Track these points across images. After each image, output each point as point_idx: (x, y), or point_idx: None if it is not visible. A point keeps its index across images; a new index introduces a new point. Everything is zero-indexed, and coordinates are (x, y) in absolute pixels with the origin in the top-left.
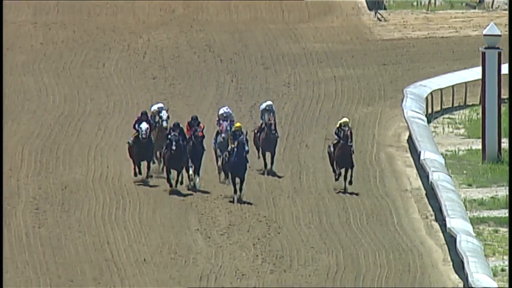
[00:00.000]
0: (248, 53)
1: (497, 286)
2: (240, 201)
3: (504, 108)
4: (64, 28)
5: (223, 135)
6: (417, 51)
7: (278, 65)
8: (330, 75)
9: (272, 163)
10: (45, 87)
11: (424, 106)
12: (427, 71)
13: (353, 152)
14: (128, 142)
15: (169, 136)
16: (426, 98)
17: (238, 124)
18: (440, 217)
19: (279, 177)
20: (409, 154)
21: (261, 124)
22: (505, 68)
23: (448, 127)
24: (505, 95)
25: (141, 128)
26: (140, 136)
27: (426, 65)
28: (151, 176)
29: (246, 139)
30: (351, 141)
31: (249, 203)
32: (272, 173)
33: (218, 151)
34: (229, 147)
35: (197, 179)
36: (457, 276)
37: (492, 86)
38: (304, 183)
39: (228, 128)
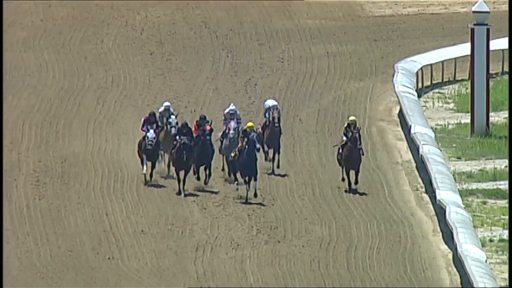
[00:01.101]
0: (243, 29)
1: (485, 258)
2: (249, 201)
3: (492, 83)
4: (64, 5)
5: (231, 131)
6: (407, 27)
7: (272, 41)
8: (323, 51)
9: (278, 161)
10: (45, 62)
11: (414, 81)
12: (418, 47)
13: (363, 154)
14: (139, 144)
15: (178, 137)
16: (417, 73)
17: (250, 124)
18: (430, 189)
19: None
20: (400, 128)
21: (265, 122)
22: (493, 44)
23: (438, 101)
24: (493, 70)
25: (147, 136)
26: (146, 143)
27: (416, 41)
28: (151, 177)
29: (257, 136)
30: (360, 143)
31: None
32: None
33: (224, 151)
34: (239, 145)
35: (208, 179)
36: (446, 247)
37: (480, 61)
38: (297, 156)
39: (236, 126)
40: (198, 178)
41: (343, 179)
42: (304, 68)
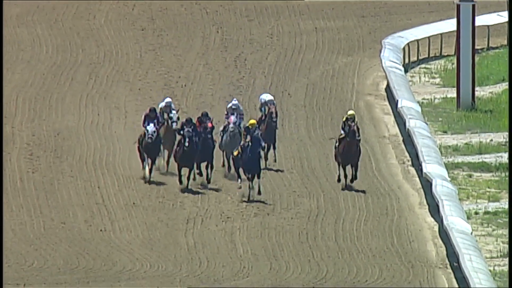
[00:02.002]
0: (233, 5)
1: (471, 230)
2: (253, 199)
3: (478, 58)
4: None
5: (231, 125)
6: (394, 3)
7: (262, 17)
8: (311, 27)
9: (274, 156)
10: (38, 38)
11: (401, 56)
12: (404, 23)
13: (360, 150)
14: (139, 138)
15: (182, 132)
16: (403, 48)
17: (252, 121)
18: (416, 163)
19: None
20: (387, 102)
21: (261, 116)
22: (478, 20)
23: (424, 76)
24: (479, 46)
25: (147, 130)
26: (146, 137)
27: (403, 17)
28: (150, 173)
29: (261, 134)
30: (359, 135)
31: None
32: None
33: (224, 147)
34: (242, 143)
35: (210, 174)
36: (432, 219)
37: (466, 37)
38: (286, 130)
39: (236, 120)
40: (200, 174)
41: (338, 180)
42: (292, 44)
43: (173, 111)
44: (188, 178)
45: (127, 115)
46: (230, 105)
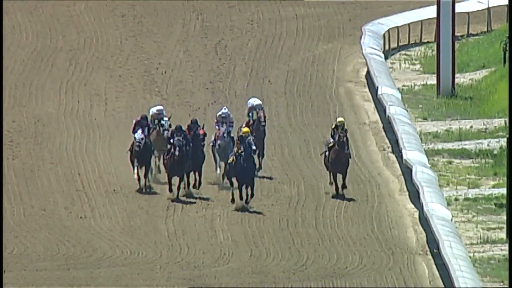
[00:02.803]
0: None
1: (451, 216)
2: (248, 208)
3: (458, 45)
4: None
5: (219, 142)
6: None
7: (242, 3)
8: (291, 13)
9: (260, 164)
10: (19, 24)
11: (381, 43)
12: (384, 10)
13: (350, 157)
14: (130, 149)
15: (172, 141)
16: (384, 35)
17: (246, 129)
18: (396, 149)
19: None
20: (367, 89)
21: (248, 121)
22: (458, 7)
23: (405, 63)
24: (459, 32)
25: (135, 138)
26: (134, 145)
27: (383, 3)
28: (149, 185)
29: (253, 140)
30: (348, 148)
31: None
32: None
33: (217, 156)
34: (234, 150)
35: (199, 185)
36: (412, 206)
37: (446, 24)
38: (266, 116)
39: (225, 134)
40: (188, 184)
41: (331, 183)
42: (273, 30)
43: (165, 118)
44: (179, 188)
45: (107, 102)
46: (220, 113)
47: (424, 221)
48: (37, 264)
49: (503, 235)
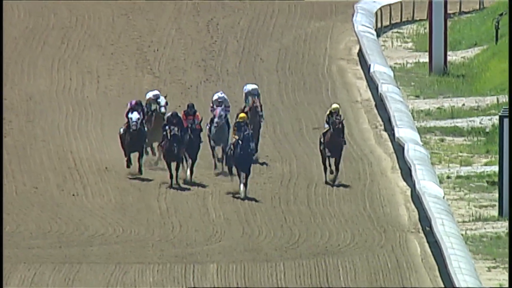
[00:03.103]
0: None
1: (443, 194)
2: (246, 197)
3: (450, 23)
4: None
5: (216, 119)
6: None
7: None
8: None
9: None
10: (10, 2)
11: (373, 21)
12: None
13: (345, 143)
14: (120, 132)
15: (167, 128)
16: (376, 13)
17: (242, 115)
18: (389, 127)
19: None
20: (359, 67)
21: (244, 107)
22: None
23: (397, 41)
24: (451, 10)
25: (131, 118)
26: (130, 127)
27: None
28: (141, 170)
29: (252, 133)
30: (343, 136)
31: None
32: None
33: (212, 142)
34: (233, 140)
35: (189, 174)
36: (404, 183)
37: (438, 1)
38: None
39: (222, 113)
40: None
41: (331, 172)
42: (265, 8)
43: (161, 97)
44: (177, 174)
45: (99, 79)
46: (216, 97)
47: (416, 198)
48: (29, 242)
49: (495, 212)
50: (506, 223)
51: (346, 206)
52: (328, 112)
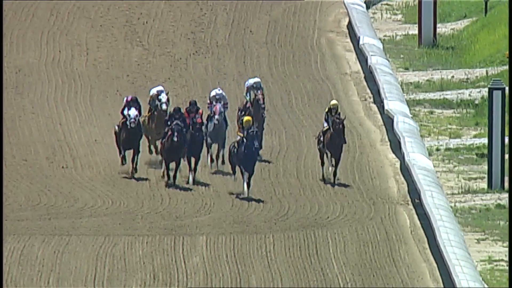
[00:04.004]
0: None
1: (432, 166)
2: (249, 197)
3: None
4: None
5: (216, 116)
6: None
7: None
8: None
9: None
10: None
11: None
12: None
13: (345, 142)
14: (115, 128)
15: (170, 124)
16: None
17: (247, 118)
18: (378, 99)
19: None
20: (348, 39)
21: (246, 103)
22: None
23: (386, 13)
24: None
25: (129, 115)
26: (128, 123)
27: None
28: (136, 168)
29: (256, 131)
30: (344, 136)
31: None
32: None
33: (208, 139)
34: (238, 138)
35: (191, 176)
36: (394, 156)
37: None
38: (248, 67)
39: (222, 109)
40: (195, 170)
41: (323, 164)
42: None
43: (163, 93)
44: (175, 175)
45: (88, 52)
46: (213, 94)
47: (405, 171)
48: (19, 214)
49: (484, 185)
50: (495, 196)
51: (335, 178)
52: (326, 109)
